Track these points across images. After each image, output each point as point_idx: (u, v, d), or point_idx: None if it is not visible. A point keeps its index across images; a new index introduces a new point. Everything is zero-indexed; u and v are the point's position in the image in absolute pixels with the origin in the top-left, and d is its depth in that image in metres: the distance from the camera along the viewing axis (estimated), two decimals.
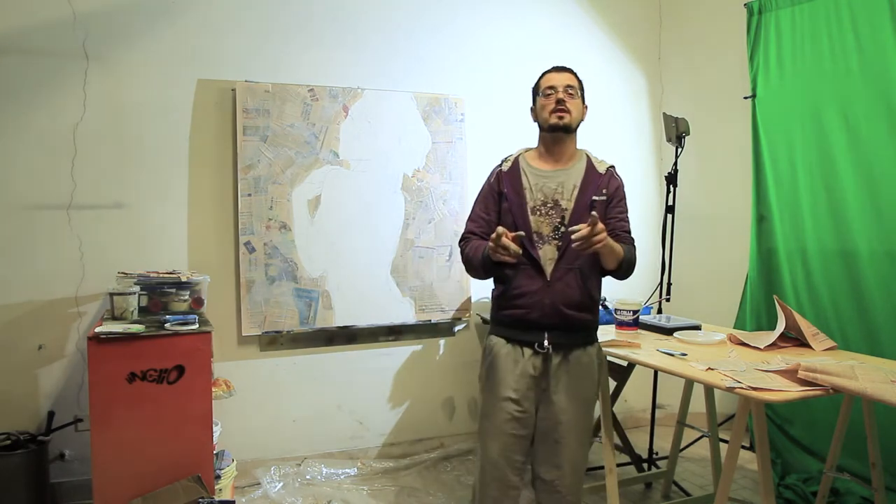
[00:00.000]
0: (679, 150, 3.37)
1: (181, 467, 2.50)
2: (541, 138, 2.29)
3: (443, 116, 3.67)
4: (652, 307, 3.48)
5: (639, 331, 2.82)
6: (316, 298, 3.44)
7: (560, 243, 2.16)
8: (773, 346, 2.51)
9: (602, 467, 2.77)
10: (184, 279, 2.90)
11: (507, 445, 2.20)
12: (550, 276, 2.15)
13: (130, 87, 3.16)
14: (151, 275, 2.90)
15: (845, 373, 2.02)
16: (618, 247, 2.11)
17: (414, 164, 3.61)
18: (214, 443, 2.68)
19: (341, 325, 3.50)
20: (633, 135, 4.25)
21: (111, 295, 2.72)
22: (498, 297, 2.27)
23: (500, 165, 2.31)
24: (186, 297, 2.91)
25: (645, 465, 3.42)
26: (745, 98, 3.41)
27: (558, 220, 2.18)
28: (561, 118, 2.19)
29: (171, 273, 2.96)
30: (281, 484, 3.24)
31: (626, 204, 2.28)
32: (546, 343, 2.15)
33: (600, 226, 1.95)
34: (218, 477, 2.71)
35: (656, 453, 3.48)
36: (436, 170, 3.65)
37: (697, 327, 2.86)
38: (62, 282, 3.06)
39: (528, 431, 2.22)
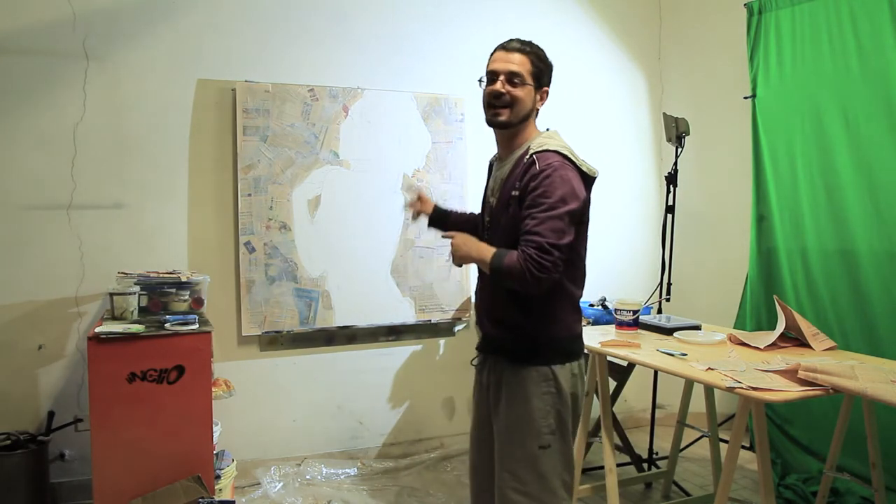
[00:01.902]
0: (679, 150, 3.37)
1: (181, 467, 2.50)
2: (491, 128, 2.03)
3: (443, 116, 3.67)
4: (652, 307, 3.48)
5: (639, 331, 2.82)
6: (316, 298, 3.44)
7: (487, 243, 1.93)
8: (773, 346, 2.51)
9: (602, 467, 2.78)
10: (184, 279, 2.90)
11: (472, 456, 2.13)
12: (483, 279, 1.99)
13: (130, 87, 3.16)
14: (151, 275, 2.90)
15: (845, 373, 2.02)
16: (478, 252, 1.84)
17: (414, 164, 3.61)
18: (214, 443, 2.68)
19: (341, 325, 3.50)
20: (633, 135, 4.25)
21: (111, 295, 2.72)
22: None
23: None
24: (186, 297, 2.91)
25: (645, 465, 3.42)
26: (745, 98, 3.41)
27: (487, 217, 2.00)
28: (495, 115, 1.90)
29: (171, 273, 2.96)
30: (281, 484, 3.24)
31: (543, 197, 1.79)
32: (479, 351, 2.06)
33: (453, 241, 1.86)
34: (218, 477, 2.71)
35: (656, 453, 3.48)
36: (436, 170, 3.65)
37: (697, 327, 2.86)
38: (62, 282, 3.06)
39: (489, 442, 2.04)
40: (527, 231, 1.78)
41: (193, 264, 3.27)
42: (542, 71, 1.92)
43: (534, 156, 1.84)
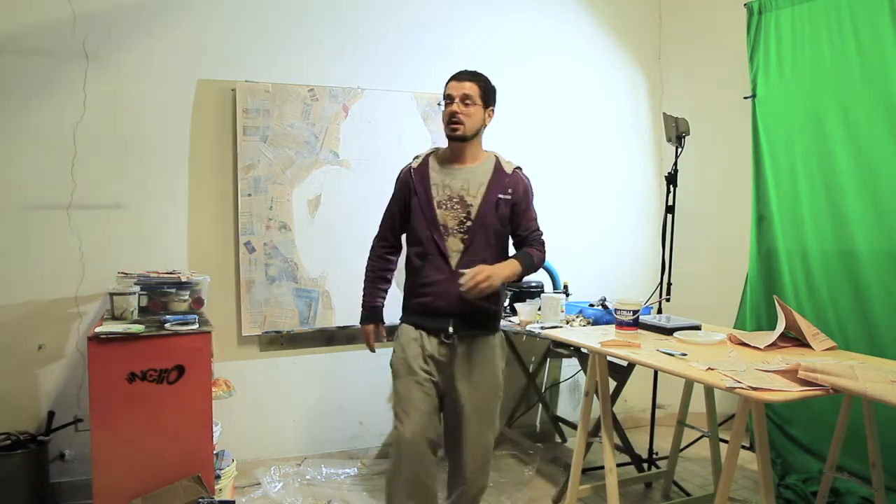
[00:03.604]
0: (679, 150, 3.37)
1: (181, 467, 2.50)
2: (448, 141, 2.41)
3: None
4: (652, 307, 3.47)
5: (639, 331, 2.82)
6: (316, 298, 3.44)
7: (466, 236, 2.34)
8: (773, 346, 2.51)
9: (602, 467, 2.77)
10: (184, 279, 2.90)
11: (422, 423, 2.33)
12: (456, 266, 2.32)
13: (130, 87, 3.16)
14: (151, 275, 2.90)
15: (845, 373, 2.02)
16: (511, 268, 2.33)
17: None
18: (214, 443, 2.68)
19: (341, 325, 3.50)
20: (633, 135, 4.25)
21: (111, 295, 2.72)
22: (408, 287, 2.46)
23: (411, 163, 2.47)
24: (186, 297, 2.91)
25: (645, 465, 3.41)
26: (745, 98, 3.41)
27: (464, 214, 2.35)
28: (454, 131, 2.33)
29: (171, 273, 2.96)
30: (281, 484, 3.24)
31: (533, 206, 2.46)
32: (451, 330, 2.34)
33: (480, 275, 2.19)
34: (218, 477, 2.71)
35: (656, 453, 3.48)
36: None
37: (697, 327, 2.85)
38: (62, 282, 3.06)
39: (437, 410, 2.40)
40: (534, 229, 2.46)
41: (193, 264, 3.27)
42: (488, 93, 2.38)
43: (517, 171, 2.43)
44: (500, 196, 2.36)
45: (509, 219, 2.40)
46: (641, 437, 3.76)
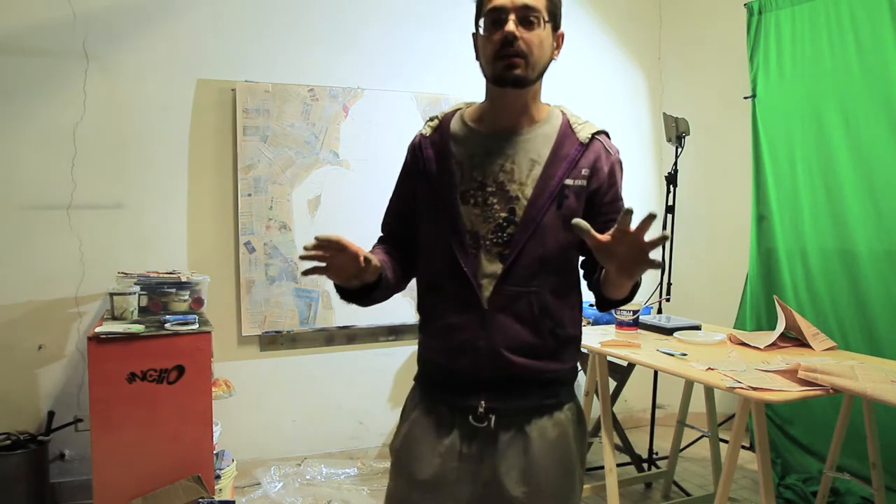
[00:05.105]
0: (679, 150, 3.37)
1: (181, 467, 2.50)
2: (486, 88, 1.46)
3: None
4: (652, 307, 3.48)
5: (639, 331, 2.82)
6: (316, 298, 3.44)
7: (506, 251, 1.36)
8: (773, 346, 2.51)
9: (602, 467, 2.78)
10: (184, 279, 2.90)
11: None
12: (489, 301, 1.36)
13: (130, 87, 3.16)
14: (151, 275, 2.90)
15: (845, 373, 2.02)
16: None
17: None
18: (214, 443, 2.68)
19: (341, 325, 3.50)
20: (633, 135, 4.25)
21: (111, 295, 2.72)
22: (419, 340, 1.53)
23: (422, 129, 1.59)
24: (186, 297, 2.91)
25: (645, 465, 3.42)
26: (745, 98, 3.41)
27: (504, 214, 1.38)
28: (511, 67, 1.34)
29: (171, 273, 2.96)
30: (281, 484, 3.24)
31: (620, 191, 1.50)
32: (481, 409, 1.37)
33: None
34: (218, 477, 2.71)
35: (656, 453, 3.48)
36: None
37: (697, 327, 2.85)
38: (62, 282, 3.06)
39: None
40: None
41: (193, 264, 3.27)
42: (556, 6, 1.40)
43: (599, 139, 1.48)
44: (569, 182, 1.39)
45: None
46: (641, 437, 3.76)
